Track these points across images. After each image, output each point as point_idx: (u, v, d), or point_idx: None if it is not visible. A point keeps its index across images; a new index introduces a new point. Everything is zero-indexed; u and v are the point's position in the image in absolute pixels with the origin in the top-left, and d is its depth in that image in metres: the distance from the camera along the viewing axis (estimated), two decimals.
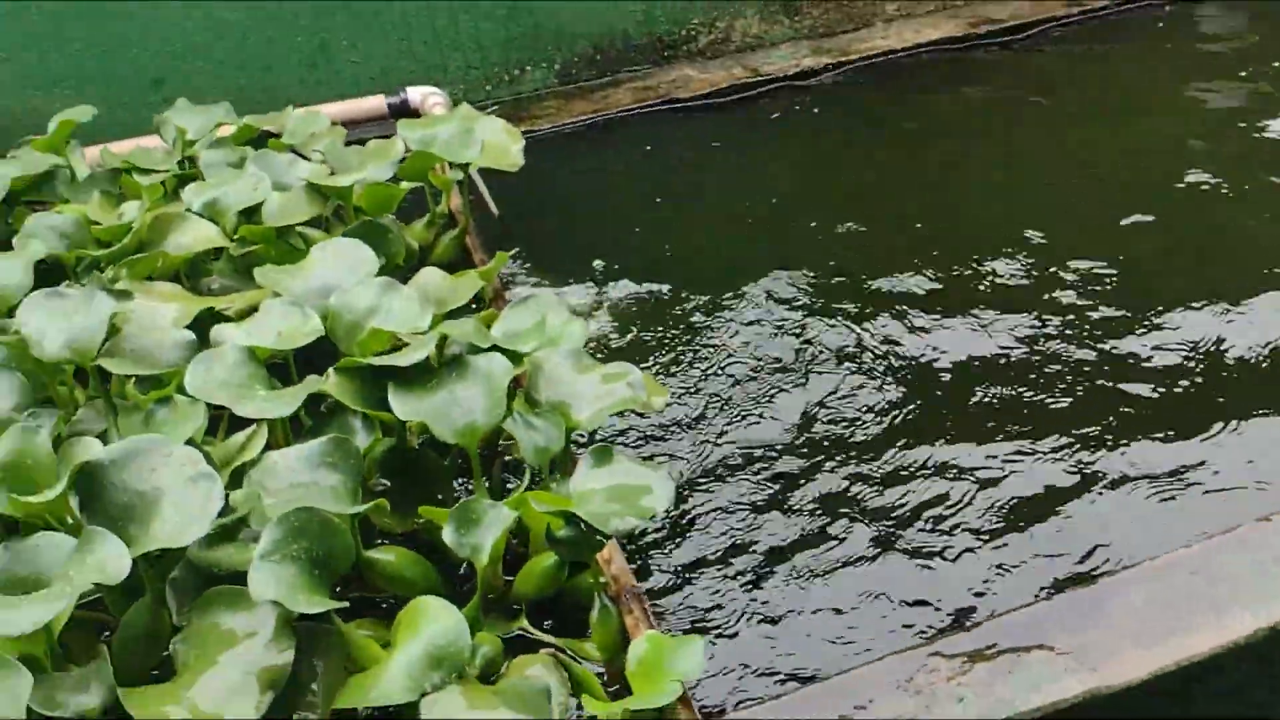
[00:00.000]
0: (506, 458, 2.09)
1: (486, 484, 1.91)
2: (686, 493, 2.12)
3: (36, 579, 1.52)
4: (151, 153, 2.75)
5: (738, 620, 1.87)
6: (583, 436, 2.15)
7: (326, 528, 1.57)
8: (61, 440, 1.77)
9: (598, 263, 2.87)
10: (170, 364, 1.88)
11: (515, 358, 1.94)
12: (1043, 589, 1.85)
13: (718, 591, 1.92)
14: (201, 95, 3.21)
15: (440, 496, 1.91)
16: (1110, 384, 2.31)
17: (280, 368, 2.00)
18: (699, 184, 3.35)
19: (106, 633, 1.69)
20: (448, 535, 1.65)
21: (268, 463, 1.66)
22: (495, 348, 1.95)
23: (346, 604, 1.58)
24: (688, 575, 1.95)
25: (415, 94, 3.35)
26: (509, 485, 2.02)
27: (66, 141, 2.62)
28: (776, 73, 3.82)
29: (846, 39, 4.08)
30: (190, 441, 1.70)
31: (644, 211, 3.18)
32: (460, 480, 2.01)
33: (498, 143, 2.66)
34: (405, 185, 2.59)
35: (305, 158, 2.66)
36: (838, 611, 1.87)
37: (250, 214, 2.43)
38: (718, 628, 1.85)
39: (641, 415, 2.27)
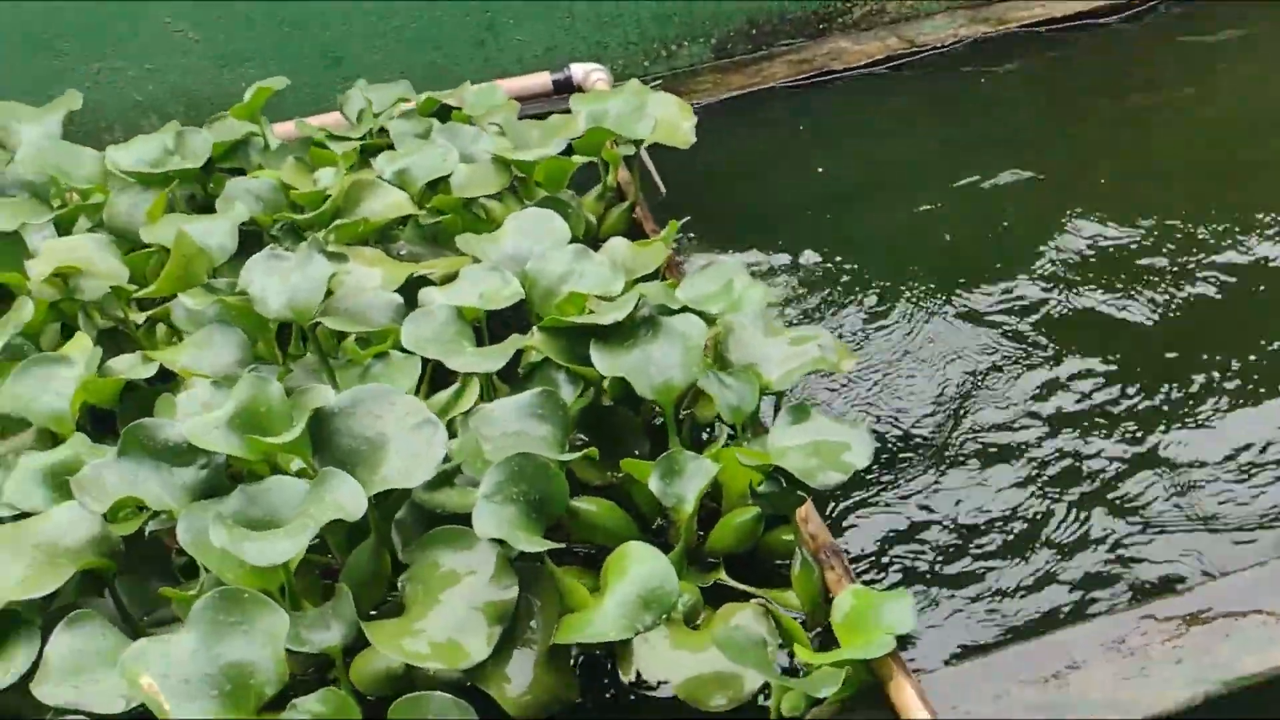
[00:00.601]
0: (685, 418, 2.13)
1: (679, 441, 1.95)
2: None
3: (270, 520, 1.61)
4: (337, 127, 2.86)
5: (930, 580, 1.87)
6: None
7: (543, 472, 1.63)
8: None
9: (759, 234, 2.89)
10: (382, 324, 1.97)
11: (706, 319, 1.98)
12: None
13: (909, 554, 1.93)
14: (376, 74, 3.34)
15: (636, 453, 1.96)
16: None
17: (476, 330, 2.08)
18: (856, 155, 3.34)
19: (325, 577, 1.79)
20: (653, 484, 1.70)
21: (483, 411, 1.73)
22: (686, 309, 2.00)
23: (563, 545, 1.64)
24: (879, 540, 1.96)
25: (578, 70, 3.42)
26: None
27: (261, 110, 2.74)
28: (933, 42, 3.78)
29: (1003, 7, 4.00)
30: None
31: (803, 183, 3.19)
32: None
33: (669, 118, 2.69)
34: (577, 159, 2.65)
35: (484, 131, 2.73)
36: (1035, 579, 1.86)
37: (436, 184, 2.52)
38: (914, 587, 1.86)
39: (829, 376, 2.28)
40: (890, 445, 2.15)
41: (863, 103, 3.58)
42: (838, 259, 2.75)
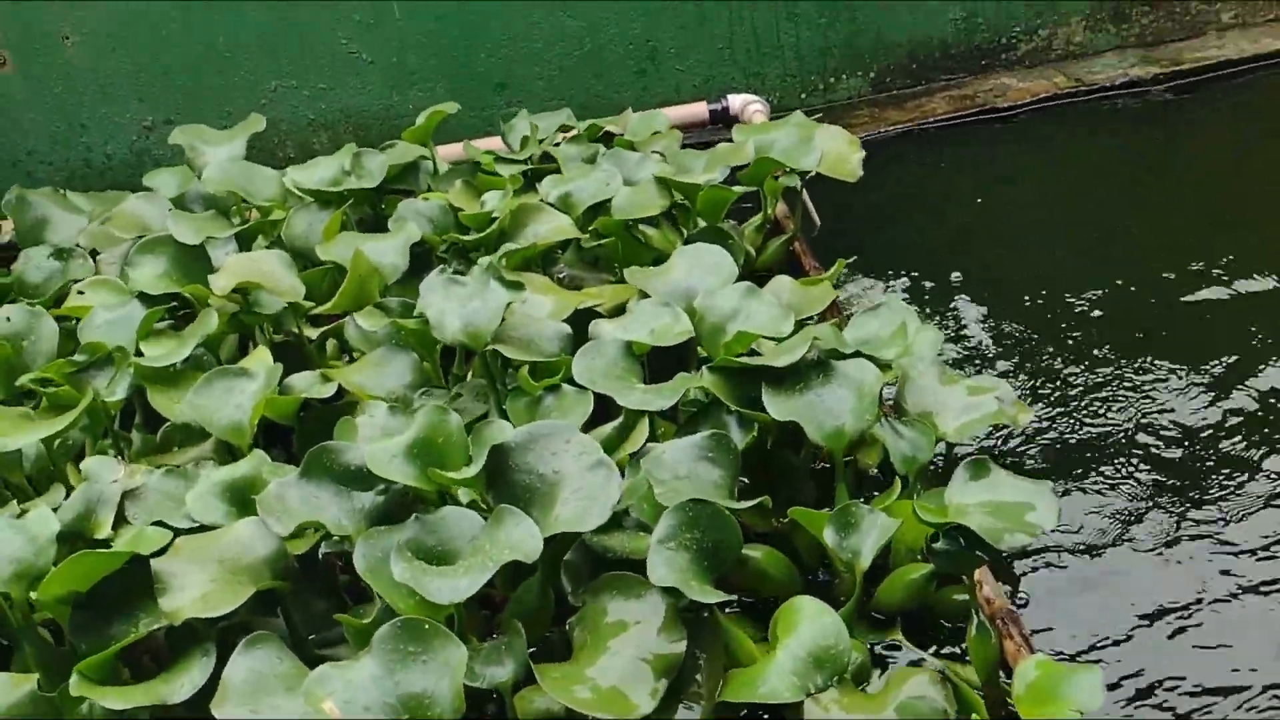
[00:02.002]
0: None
1: (847, 490, 1.91)
2: None
3: (444, 551, 1.62)
4: (500, 152, 2.90)
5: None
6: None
7: (716, 520, 1.61)
8: None
9: (913, 273, 2.82)
10: (551, 354, 1.98)
11: (879, 364, 1.94)
12: None
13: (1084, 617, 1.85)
14: (537, 100, 3.38)
15: (799, 499, 1.92)
16: None
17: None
18: (1017, 196, 3.24)
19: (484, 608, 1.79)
20: (828, 536, 1.66)
21: (655, 454, 1.71)
22: (858, 353, 1.95)
23: (735, 597, 1.62)
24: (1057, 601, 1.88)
25: (736, 101, 3.40)
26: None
27: (433, 133, 2.79)
28: (1103, 81, 3.65)
29: (1177, 47, 3.86)
30: None
31: (962, 222, 3.11)
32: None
33: (837, 151, 2.66)
34: (738, 189, 2.63)
35: (646, 157, 2.74)
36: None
37: (598, 208, 2.52)
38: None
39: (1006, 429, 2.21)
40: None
41: (1027, 142, 3.48)
42: (992, 305, 2.66)
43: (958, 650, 1.75)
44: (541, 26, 3.36)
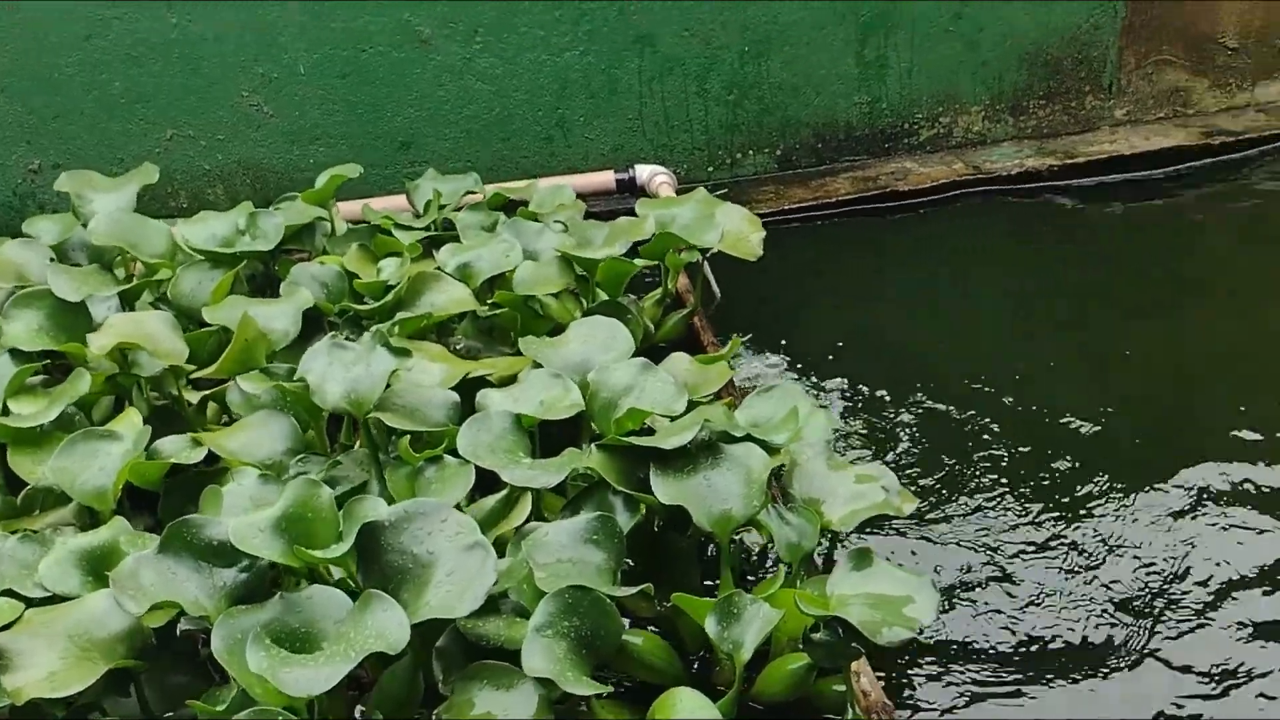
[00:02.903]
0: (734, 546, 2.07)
1: (731, 576, 1.88)
2: None
3: (308, 633, 1.55)
4: (401, 214, 2.86)
5: None
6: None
7: (597, 607, 1.57)
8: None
9: (814, 351, 2.84)
10: (437, 423, 1.93)
11: (769, 448, 1.93)
12: None
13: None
14: (444, 160, 3.36)
15: (684, 581, 1.89)
16: None
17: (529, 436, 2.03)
18: (917, 279, 3.30)
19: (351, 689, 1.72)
20: (710, 626, 1.63)
21: (536, 536, 1.67)
22: (749, 437, 1.94)
23: (610, 689, 1.57)
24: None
25: (644, 172, 3.42)
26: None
27: (333, 196, 2.74)
28: (999, 170, 3.76)
29: (1071, 140, 3.99)
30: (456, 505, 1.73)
31: (860, 303, 3.15)
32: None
33: (738, 230, 2.68)
34: (639, 262, 2.63)
35: (549, 228, 2.72)
36: None
37: (497, 279, 2.49)
38: None
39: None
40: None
41: (924, 225, 3.56)
42: (881, 389, 2.69)
43: None
44: (450, 89, 3.35)
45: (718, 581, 1.87)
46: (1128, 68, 4.03)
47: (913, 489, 2.31)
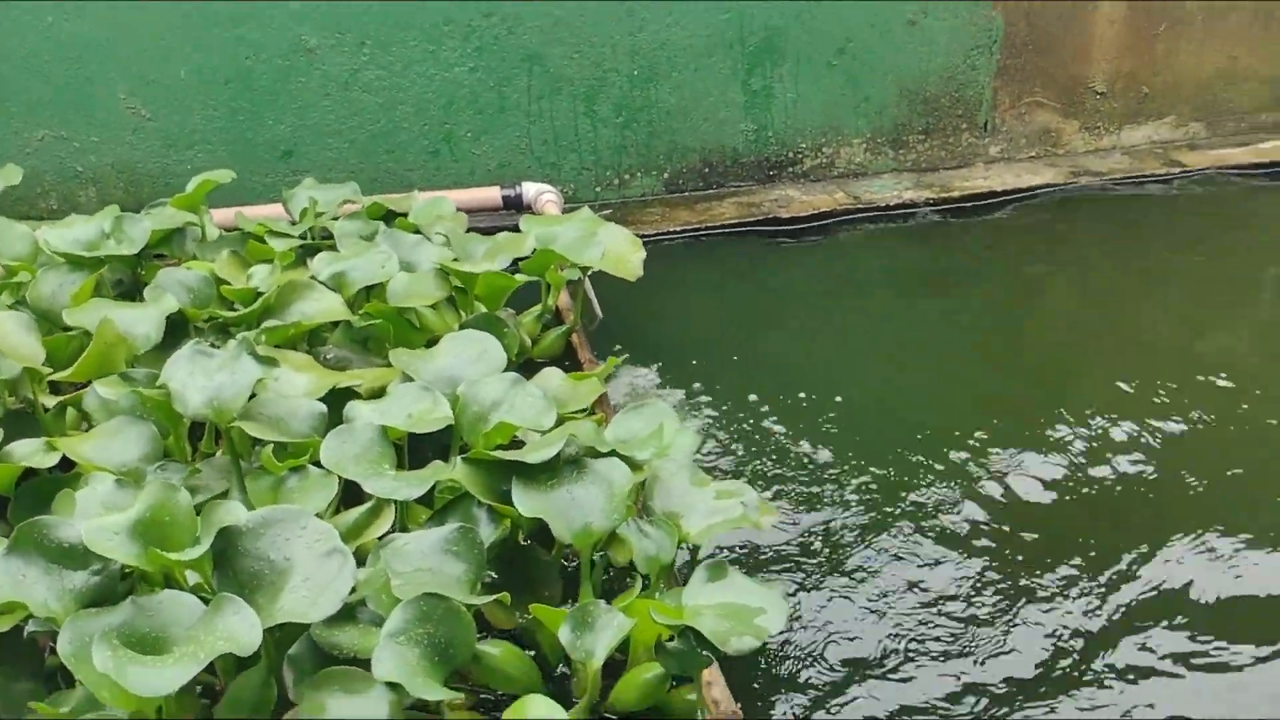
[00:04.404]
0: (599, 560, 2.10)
1: (591, 589, 1.91)
2: None
3: (159, 637, 1.53)
4: (277, 221, 2.83)
5: None
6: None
7: (451, 615, 1.58)
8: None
9: (689, 370, 2.90)
10: (302, 434, 1.92)
11: (633, 464, 1.96)
12: None
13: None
14: (326, 171, 3.34)
15: (546, 594, 1.91)
16: None
17: (396, 448, 2.03)
18: (792, 302, 3.39)
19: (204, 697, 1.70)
20: (564, 635, 1.65)
21: (397, 545, 1.68)
22: (614, 452, 1.98)
23: (462, 695, 1.59)
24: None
25: (530, 189, 3.45)
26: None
27: (203, 201, 2.71)
28: (879, 201, 3.88)
29: (948, 175, 4.15)
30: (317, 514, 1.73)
31: (738, 324, 3.22)
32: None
33: (619, 250, 2.72)
34: (520, 278, 2.65)
35: (429, 240, 2.73)
36: None
37: (372, 289, 2.49)
38: None
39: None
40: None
41: (804, 251, 3.65)
42: (762, 407, 2.76)
43: None
44: (335, 99, 3.34)
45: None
46: (1002, 108, 4.20)
47: (776, 502, 2.37)
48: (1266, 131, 4.56)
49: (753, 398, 2.78)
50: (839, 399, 2.78)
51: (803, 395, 2.79)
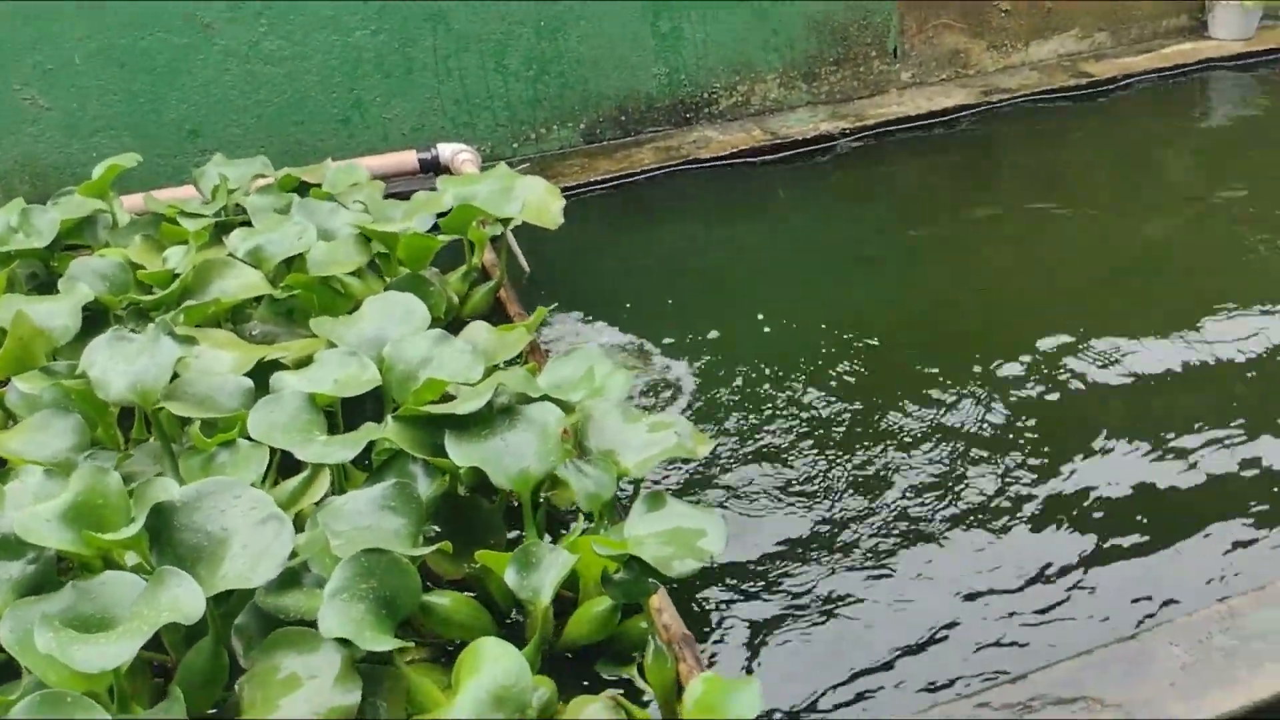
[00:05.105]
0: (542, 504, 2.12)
1: (536, 530, 1.93)
2: None
3: (103, 618, 1.53)
4: (189, 202, 2.79)
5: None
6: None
7: (394, 568, 1.59)
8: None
9: (621, 316, 2.92)
10: (230, 409, 1.91)
11: (565, 407, 1.98)
12: None
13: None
14: (235, 148, 3.29)
15: (492, 542, 1.93)
16: None
17: (328, 415, 2.03)
18: (717, 241, 3.41)
19: (158, 675, 1.71)
20: (509, 577, 1.68)
21: (333, 506, 1.68)
22: (546, 397, 1.99)
23: (412, 644, 1.60)
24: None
25: (446, 150, 3.42)
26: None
27: (110, 187, 2.66)
28: (795, 135, 3.91)
29: (862, 104, 4.18)
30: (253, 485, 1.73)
31: (664, 268, 3.24)
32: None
33: (538, 200, 2.71)
34: (443, 238, 2.64)
35: (345, 207, 2.71)
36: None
37: (292, 260, 2.47)
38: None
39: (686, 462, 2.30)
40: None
41: (725, 191, 3.67)
42: (697, 344, 2.79)
43: None
44: (236, 74, 3.28)
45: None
46: (910, 33, 4.24)
47: (710, 431, 2.40)
48: (1166, 37, 4.65)
49: (688, 330, 2.81)
50: (770, 320, 2.82)
51: (735, 321, 2.85)
